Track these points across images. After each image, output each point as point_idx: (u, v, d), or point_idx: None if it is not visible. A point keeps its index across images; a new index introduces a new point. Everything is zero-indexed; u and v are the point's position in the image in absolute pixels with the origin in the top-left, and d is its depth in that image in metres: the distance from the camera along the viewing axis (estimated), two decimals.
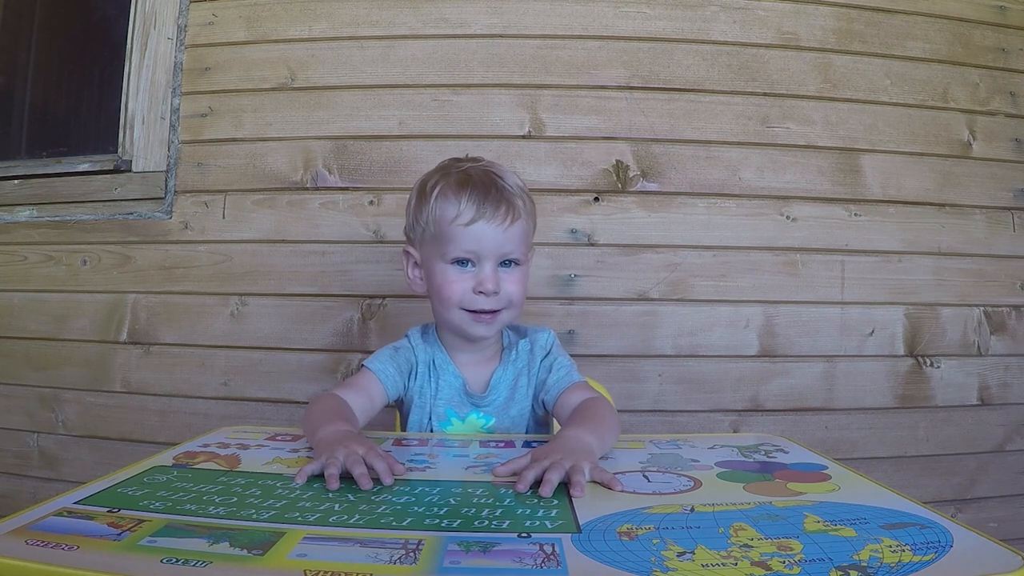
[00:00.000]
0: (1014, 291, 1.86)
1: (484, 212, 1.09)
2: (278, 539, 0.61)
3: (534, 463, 0.81)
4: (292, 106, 1.82)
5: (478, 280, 1.10)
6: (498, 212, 1.09)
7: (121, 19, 1.95)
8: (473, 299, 1.11)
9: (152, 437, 1.80)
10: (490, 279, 1.09)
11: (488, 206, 1.09)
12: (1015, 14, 1.91)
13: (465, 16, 1.80)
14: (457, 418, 1.17)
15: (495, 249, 1.10)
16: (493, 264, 1.10)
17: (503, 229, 1.09)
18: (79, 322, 1.86)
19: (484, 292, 1.09)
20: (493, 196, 1.10)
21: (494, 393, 1.18)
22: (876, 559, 0.56)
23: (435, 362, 1.19)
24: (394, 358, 1.18)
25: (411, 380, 1.19)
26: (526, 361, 1.20)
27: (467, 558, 0.58)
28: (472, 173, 1.14)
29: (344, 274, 1.78)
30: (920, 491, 1.75)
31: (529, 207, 1.15)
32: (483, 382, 1.19)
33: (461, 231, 1.09)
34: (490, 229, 1.09)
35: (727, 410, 1.76)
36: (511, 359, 1.20)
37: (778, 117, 1.80)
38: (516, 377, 1.19)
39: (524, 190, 1.15)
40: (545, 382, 1.17)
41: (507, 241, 1.10)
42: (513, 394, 1.18)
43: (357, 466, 0.80)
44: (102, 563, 0.55)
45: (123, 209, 1.88)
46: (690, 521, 0.66)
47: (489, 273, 1.10)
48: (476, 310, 1.11)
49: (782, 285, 1.78)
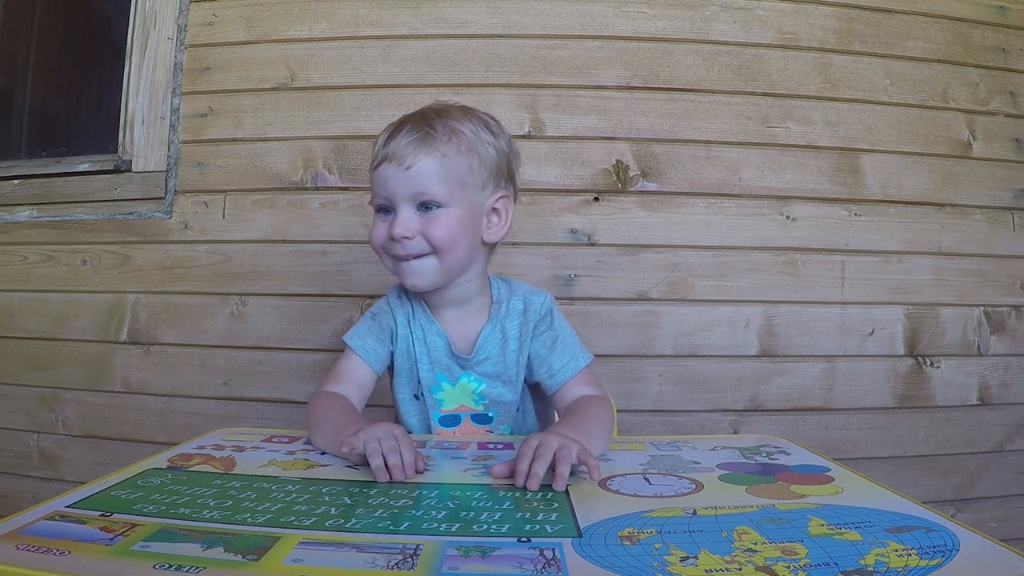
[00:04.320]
0: (1014, 291, 1.85)
1: (387, 152, 1.04)
2: (273, 544, 0.60)
3: (522, 457, 0.82)
4: (292, 106, 1.81)
5: (391, 225, 1.05)
6: (405, 151, 1.03)
7: (121, 19, 1.95)
8: (391, 245, 1.06)
9: (152, 437, 1.79)
10: (398, 223, 1.03)
11: (394, 146, 1.04)
12: (1015, 14, 1.91)
13: (465, 16, 1.79)
14: (448, 382, 1.12)
15: (402, 191, 1.03)
16: (409, 208, 1.04)
17: (403, 169, 1.02)
18: (79, 322, 1.85)
19: (393, 238, 1.04)
20: (405, 134, 1.04)
21: (481, 353, 1.11)
22: (883, 563, 0.55)
23: (415, 320, 1.13)
24: (372, 329, 1.14)
25: (394, 343, 1.13)
26: (518, 323, 1.12)
27: (466, 563, 0.57)
28: (410, 115, 1.09)
29: (344, 274, 1.78)
30: (920, 491, 1.74)
31: (459, 144, 1.05)
32: (469, 341, 1.12)
33: (374, 175, 1.07)
34: (392, 169, 1.03)
35: (727, 410, 1.76)
36: (500, 316, 1.12)
37: (778, 117, 1.80)
38: (504, 339, 1.12)
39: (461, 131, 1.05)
40: (547, 361, 1.11)
41: (413, 182, 1.03)
42: (503, 356, 1.12)
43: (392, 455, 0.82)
44: (94, 569, 0.55)
45: (123, 209, 1.88)
46: (692, 525, 0.66)
47: (400, 218, 1.04)
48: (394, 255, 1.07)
49: (782, 285, 1.78)
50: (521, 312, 1.12)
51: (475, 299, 1.14)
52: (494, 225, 1.11)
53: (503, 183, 1.12)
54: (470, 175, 1.06)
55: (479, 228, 1.09)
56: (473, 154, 1.06)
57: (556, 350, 1.12)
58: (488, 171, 1.08)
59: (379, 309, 1.16)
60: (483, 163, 1.07)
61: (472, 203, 1.07)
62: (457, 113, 1.09)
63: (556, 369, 1.11)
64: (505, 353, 1.11)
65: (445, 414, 1.14)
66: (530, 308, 1.12)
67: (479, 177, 1.07)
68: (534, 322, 1.12)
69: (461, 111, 1.10)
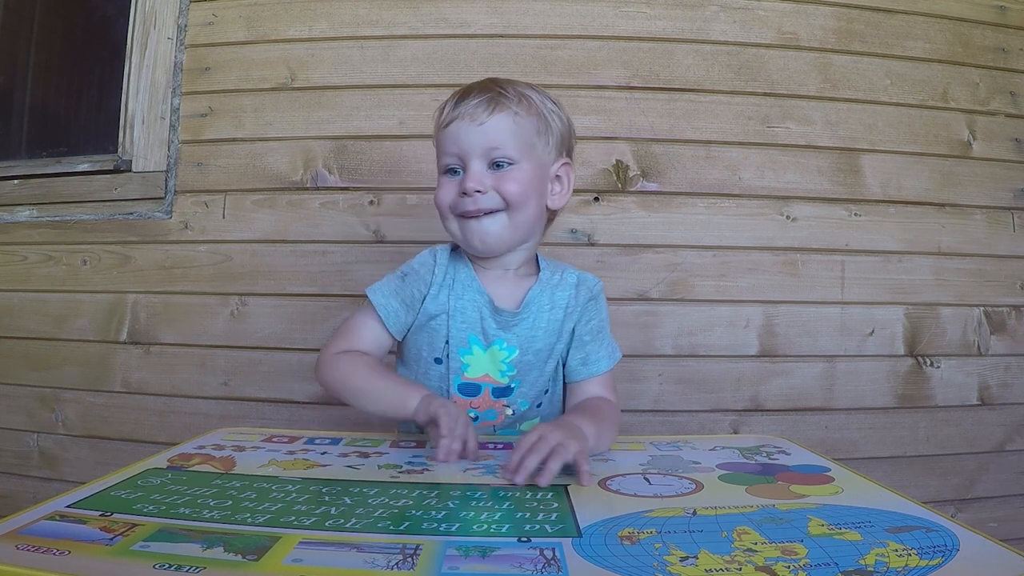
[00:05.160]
0: (1014, 291, 1.85)
1: (459, 111, 1.03)
2: (273, 544, 0.60)
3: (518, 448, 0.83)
4: (292, 106, 1.81)
5: (463, 181, 1.04)
6: (476, 109, 1.02)
7: (121, 19, 1.94)
8: (460, 203, 1.04)
9: (152, 437, 1.79)
10: (471, 177, 1.02)
11: (466, 105, 1.03)
12: (1015, 14, 1.91)
13: (465, 16, 1.79)
14: (480, 346, 1.09)
15: (476, 146, 1.03)
16: (481, 164, 1.03)
17: (477, 124, 1.02)
18: (79, 322, 1.85)
19: (466, 192, 1.03)
20: (475, 95, 1.04)
21: (527, 311, 1.09)
22: (883, 563, 0.55)
23: (458, 279, 1.09)
24: (400, 291, 1.09)
25: (421, 306, 1.09)
26: (567, 295, 1.11)
27: (466, 563, 0.57)
28: (478, 82, 1.08)
29: (344, 274, 1.78)
30: (920, 491, 1.74)
31: (529, 107, 1.05)
32: (515, 300, 1.10)
33: (443, 135, 1.05)
34: (464, 125, 1.02)
35: (727, 410, 1.76)
36: (551, 282, 1.11)
37: (778, 117, 1.80)
38: (552, 305, 1.10)
39: (529, 96, 1.06)
40: (587, 348, 1.10)
41: (486, 137, 1.02)
42: (547, 323, 1.09)
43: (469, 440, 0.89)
44: (94, 569, 0.55)
45: (123, 209, 1.88)
46: (692, 525, 0.66)
47: (473, 171, 1.03)
48: (462, 213, 1.05)
49: (782, 285, 1.78)
50: (574, 285, 1.12)
51: (523, 266, 1.13)
52: (557, 193, 1.11)
53: (565, 153, 1.12)
54: (538, 137, 1.06)
55: (545, 192, 1.09)
56: (541, 118, 1.07)
57: (598, 339, 1.12)
58: (554, 138, 1.09)
59: (412, 269, 1.10)
60: (550, 128, 1.08)
61: (541, 163, 1.07)
62: (521, 83, 1.10)
63: (592, 360, 1.11)
64: (549, 320, 1.10)
65: (467, 381, 1.09)
66: (583, 284, 1.12)
67: (546, 142, 1.07)
68: (584, 300, 1.12)
69: (524, 83, 1.11)
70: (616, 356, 1.14)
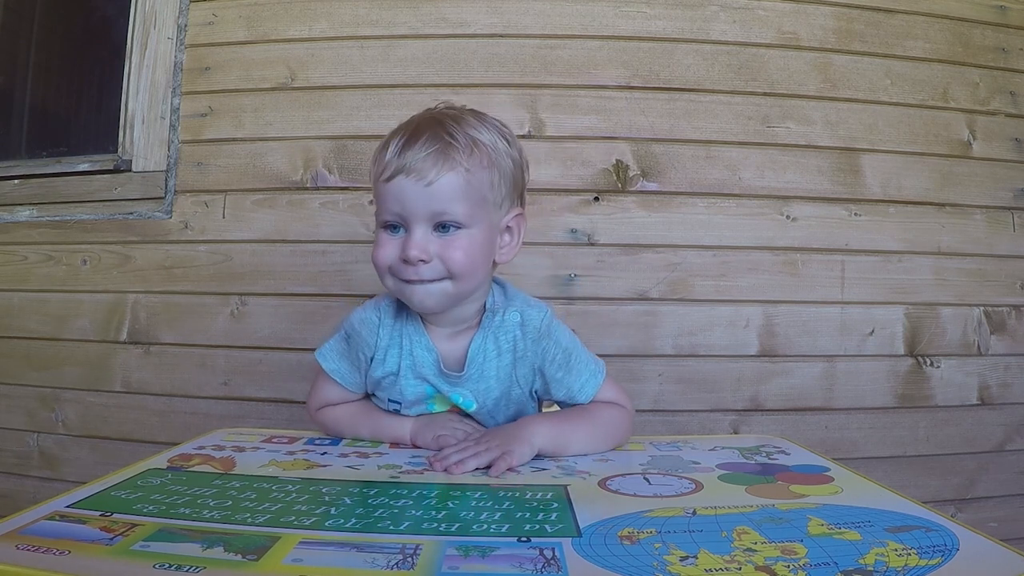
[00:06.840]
0: (1014, 291, 1.85)
1: (404, 165, 0.92)
2: (273, 544, 0.60)
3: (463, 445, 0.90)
4: (292, 106, 1.81)
5: (404, 246, 0.94)
6: (424, 164, 0.92)
7: (121, 19, 1.95)
8: (400, 268, 0.95)
9: (152, 437, 1.79)
10: (414, 245, 0.92)
11: (411, 157, 0.92)
12: (1015, 14, 1.90)
13: (465, 16, 1.79)
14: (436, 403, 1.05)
15: (421, 210, 0.93)
16: (425, 227, 0.93)
17: (424, 184, 0.91)
18: (79, 322, 1.85)
19: (407, 260, 0.93)
20: (422, 145, 0.93)
21: (472, 367, 1.01)
22: (882, 563, 0.55)
23: (405, 335, 1.02)
24: (347, 353, 1.05)
25: (370, 365, 1.03)
26: (512, 338, 1.01)
27: (466, 563, 0.57)
28: (423, 120, 0.98)
29: (344, 274, 1.78)
30: (920, 491, 1.74)
31: (481, 158, 0.95)
32: (459, 358, 1.02)
33: (383, 188, 0.94)
34: (409, 185, 0.92)
35: (727, 410, 1.76)
36: (492, 326, 1.02)
37: (778, 117, 1.80)
38: (497, 352, 1.02)
39: (480, 143, 0.96)
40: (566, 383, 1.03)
41: (434, 199, 0.92)
42: (496, 372, 1.02)
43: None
44: (94, 568, 0.55)
45: (123, 209, 1.88)
46: (692, 525, 0.66)
47: (416, 239, 0.93)
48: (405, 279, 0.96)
49: (782, 285, 1.78)
50: (518, 325, 1.01)
51: (471, 313, 1.04)
52: (506, 244, 1.03)
53: (517, 199, 1.03)
54: (491, 192, 0.97)
55: (494, 249, 1.01)
56: (494, 169, 0.97)
57: (573, 370, 1.03)
58: (507, 187, 0.99)
59: (354, 330, 1.04)
60: (503, 178, 0.98)
61: (491, 223, 0.98)
62: (472, 119, 0.99)
63: (577, 389, 1.04)
64: (499, 367, 1.02)
65: None
66: (528, 324, 1.01)
67: (499, 194, 0.98)
68: (532, 341, 1.01)
69: (475, 116, 1.01)
70: (600, 372, 1.05)
